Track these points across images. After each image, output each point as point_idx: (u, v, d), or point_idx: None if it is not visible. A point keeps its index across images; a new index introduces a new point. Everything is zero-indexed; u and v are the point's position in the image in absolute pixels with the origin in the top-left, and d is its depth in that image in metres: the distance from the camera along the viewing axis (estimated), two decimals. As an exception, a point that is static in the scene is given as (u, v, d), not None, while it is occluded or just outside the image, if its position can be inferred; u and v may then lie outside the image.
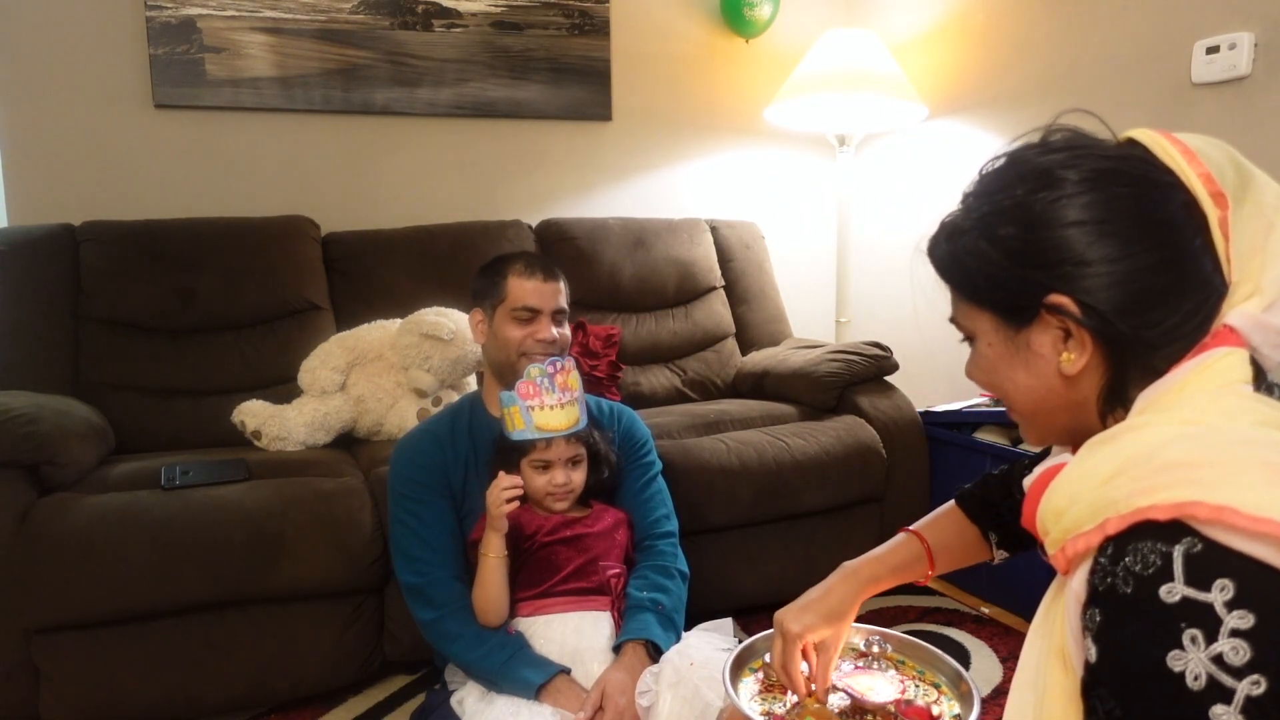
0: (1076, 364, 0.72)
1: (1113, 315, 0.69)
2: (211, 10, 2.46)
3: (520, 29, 2.78)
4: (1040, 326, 0.73)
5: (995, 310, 0.76)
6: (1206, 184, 0.70)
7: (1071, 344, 0.72)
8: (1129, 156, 0.72)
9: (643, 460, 1.67)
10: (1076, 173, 0.70)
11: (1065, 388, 0.74)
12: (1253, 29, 1.91)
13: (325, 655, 1.76)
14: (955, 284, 0.80)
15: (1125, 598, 0.60)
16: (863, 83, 2.63)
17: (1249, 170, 0.73)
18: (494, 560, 1.41)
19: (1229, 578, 0.56)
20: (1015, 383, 0.77)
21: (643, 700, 1.30)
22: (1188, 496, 0.58)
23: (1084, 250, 0.69)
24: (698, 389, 2.64)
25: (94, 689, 1.63)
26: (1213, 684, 0.55)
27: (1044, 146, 0.75)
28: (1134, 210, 0.70)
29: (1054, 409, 0.76)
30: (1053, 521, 0.69)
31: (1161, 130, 0.73)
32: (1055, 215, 0.70)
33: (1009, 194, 0.73)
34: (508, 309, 1.55)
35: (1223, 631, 0.55)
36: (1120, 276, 0.69)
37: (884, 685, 1.07)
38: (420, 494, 1.51)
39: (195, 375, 2.20)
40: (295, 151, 2.61)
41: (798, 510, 2.11)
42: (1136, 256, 0.69)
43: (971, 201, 0.77)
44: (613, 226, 2.68)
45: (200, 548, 1.63)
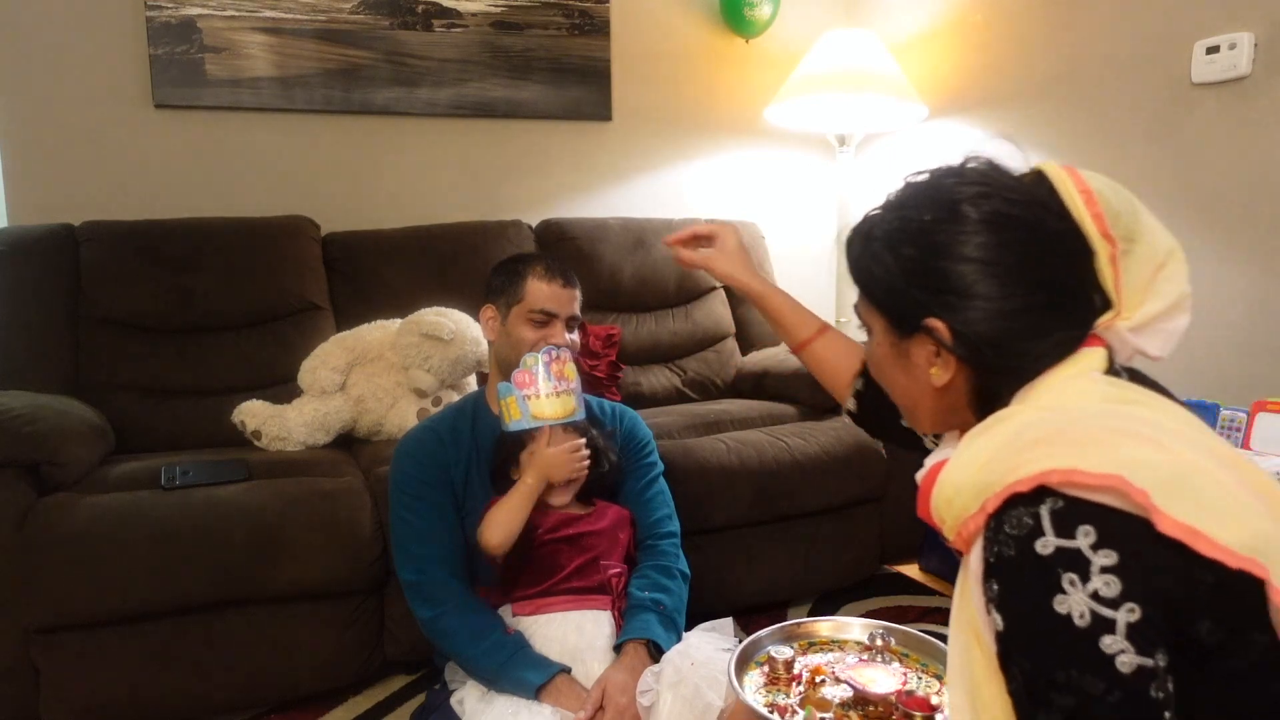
0: (941, 378, 0.82)
1: (982, 345, 0.78)
2: (211, 10, 2.46)
3: (520, 29, 2.78)
4: (919, 340, 0.82)
5: (886, 316, 0.86)
6: (1098, 223, 0.79)
7: (940, 361, 0.81)
8: (1030, 201, 0.80)
9: (645, 461, 1.67)
10: (979, 212, 0.78)
11: (933, 394, 0.84)
12: (1253, 29, 1.91)
13: (325, 655, 1.76)
14: (859, 283, 0.89)
15: (1010, 560, 0.67)
16: (863, 83, 2.63)
17: (1143, 218, 0.81)
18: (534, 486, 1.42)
19: (1089, 524, 0.64)
20: (896, 382, 0.89)
21: (643, 700, 1.30)
22: (1044, 467, 0.67)
23: (969, 285, 0.77)
24: (698, 389, 2.64)
25: (94, 689, 1.63)
26: (1096, 618, 0.63)
27: (960, 176, 0.83)
28: (1021, 257, 0.77)
29: (928, 409, 0.87)
30: (945, 510, 0.77)
31: (1068, 167, 0.81)
32: (952, 248, 0.78)
33: (919, 216, 0.81)
34: (524, 310, 1.55)
35: (1093, 570, 0.63)
36: (995, 313, 0.77)
37: (885, 677, 1.08)
38: (422, 491, 1.52)
39: (195, 375, 2.20)
40: (295, 151, 2.61)
41: (798, 510, 2.11)
42: (1014, 298, 0.77)
43: (889, 211, 0.85)
44: (613, 226, 2.68)
45: (200, 548, 1.63)
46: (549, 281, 1.56)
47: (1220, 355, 2.03)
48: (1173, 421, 0.74)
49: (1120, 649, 0.62)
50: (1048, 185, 0.81)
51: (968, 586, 0.74)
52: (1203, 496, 0.65)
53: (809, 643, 1.19)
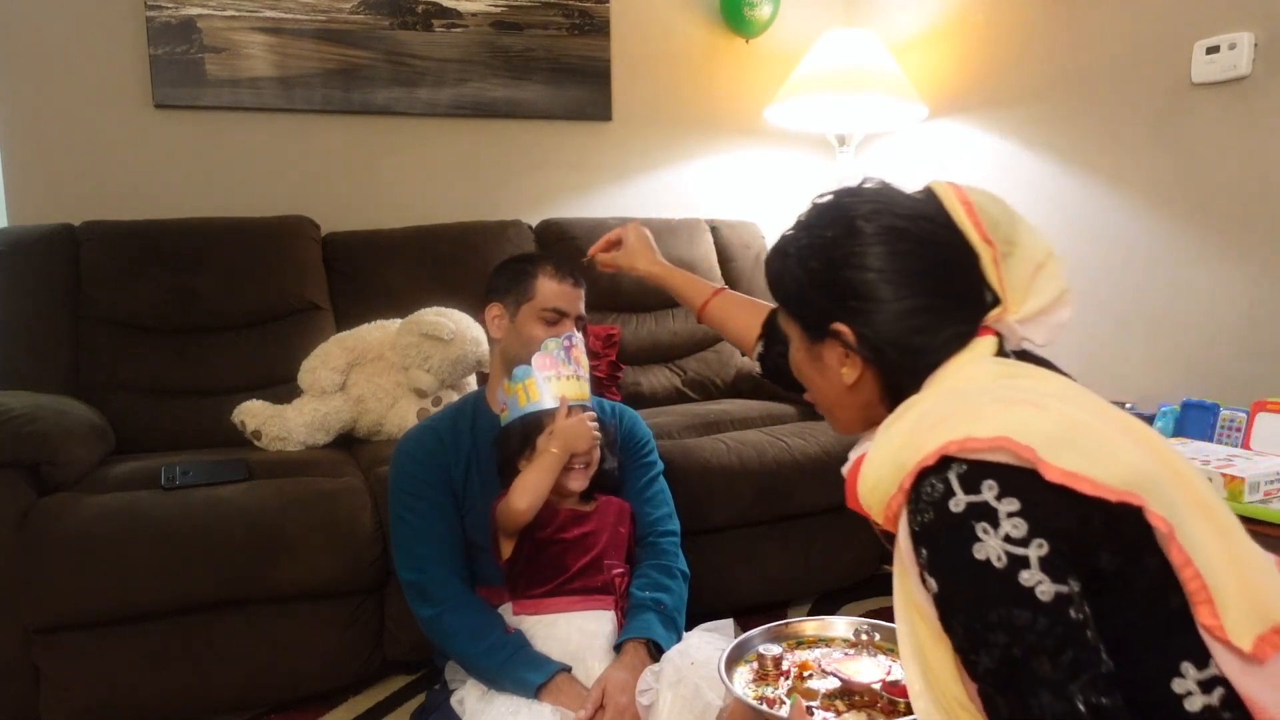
0: (851, 377, 0.91)
1: (882, 344, 0.87)
2: (211, 10, 2.46)
3: (520, 29, 2.78)
4: (829, 345, 0.91)
5: (800, 324, 0.95)
6: (978, 230, 0.89)
7: (849, 361, 0.90)
8: (918, 215, 0.90)
9: (645, 460, 1.67)
10: (874, 226, 0.88)
11: (848, 392, 0.93)
12: (1253, 29, 1.91)
13: (325, 655, 1.76)
14: (776, 295, 0.98)
15: (930, 523, 0.76)
16: (863, 83, 2.63)
17: (1019, 222, 0.92)
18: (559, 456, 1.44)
19: (991, 479, 0.73)
20: (814, 384, 0.98)
21: (643, 699, 1.30)
22: (943, 440, 0.76)
23: (868, 291, 0.87)
24: (698, 389, 2.64)
25: (94, 689, 1.63)
26: (1011, 557, 0.71)
27: (858, 195, 0.93)
28: (913, 264, 0.87)
29: (844, 406, 0.95)
30: (870, 497, 0.84)
31: (952, 183, 0.92)
32: (851, 260, 0.88)
33: (823, 234, 0.91)
34: (535, 308, 1.56)
35: (1001, 517, 0.72)
36: (893, 315, 0.86)
37: (870, 667, 1.12)
38: (422, 490, 1.52)
39: (195, 375, 2.20)
40: (295, 151, 2.61)
41: (798, 510, 2.11)
42: (908, 300, 0.86)
43: (799, 230, 0.95)
44: (613, 226, 2.65)
45: (200, 548, 1.63)
46: (560, 280, 1.58)
47: (1220, 355, 2.03)
48: (1054, 387, 0.85)
49: (1037, 580, 0.71)
50: (935, 200, 0.91)
51: (903, 565, 0.81)
52: (1081, 445, 0.74)
53: (796, 641, 1.22)
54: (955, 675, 0.78)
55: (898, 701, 1.04)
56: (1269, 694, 0.73)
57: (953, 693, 0.78)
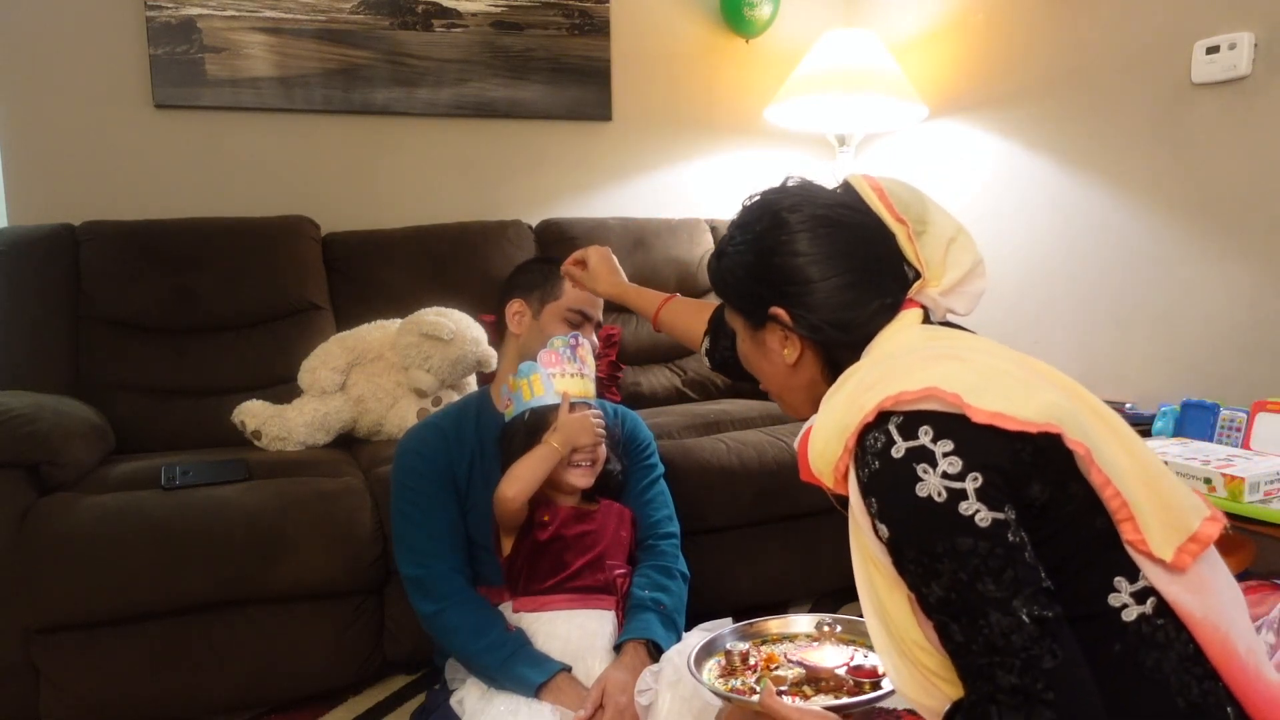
0: (792, 357, 0.99)
1: (818, 321, 0.95)
2: (211, 10, 2.46)
3: (520, 29, 2.78)
4: (770, 330, 0.99)
5: (743, 315, 1.03)
6: (889, 211, 0.97)
7: (789, 343, 0.98)
8: (838, 203, 0.98)
9: (646, 462, 1.68)
10: (798, 216, 0.96)
11: (791, 372, 1.01)
12: (1253, 29, 1.91)
13: (325, 655, 1.76)
14: (719, 293, 1.07)
15: (877, 472, 0.82)
16: (863, 83, 2.63)
17: (928, 203, 1.00)
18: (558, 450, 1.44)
19: (926, 424, 0.80)
20: (761, 369, 1.06)
21: (642, 699, 1.30)
22: (879, 397, 0.82)
23: (798, 275, 0.95)
24: (698, 389, 2.64)
25: (94, 689, 1.63)
26: (950, 491, 0.78)
27: (782, 192, 1.01)
28: (835, 246, 0.96)
29: (792, 388, 1.03)
30: (820, 462, 0.90)
31: (865, 175, 1.01)
32: (782, 248, 0.96)
33: (753, 229, 1.00)
34: (560, 308, 1.60)
35: (938, 456, 0.79)
36: (824, 294, 0.95)
37: (833, 653, 1.17)
38: (425, 486, 1.52)
39: (195, 375, 2.20)
40: (295, 151, 2.61)
41: (798, 510, 2.11)
42: (835, 279, 0.95)
43: (732, 231, 1.03)
44: (613, 226, 2.68)
45: (200, 548, 1.63)
46: None
47: (1220, 355, 2.03)
48: (975, 343, 0.93)
49: (975, 509, 0.77)
50: (851, 190, 1.00)
51: (856, 522, 0.87)
52: (1001, 388, 0.81)
53: (761, 640, 1.25)
54: (911, 619, 0.84)
55: (863, 683, 1.08)
56: (1193, 598, 0.80)
57: (911, 635, 0.84)
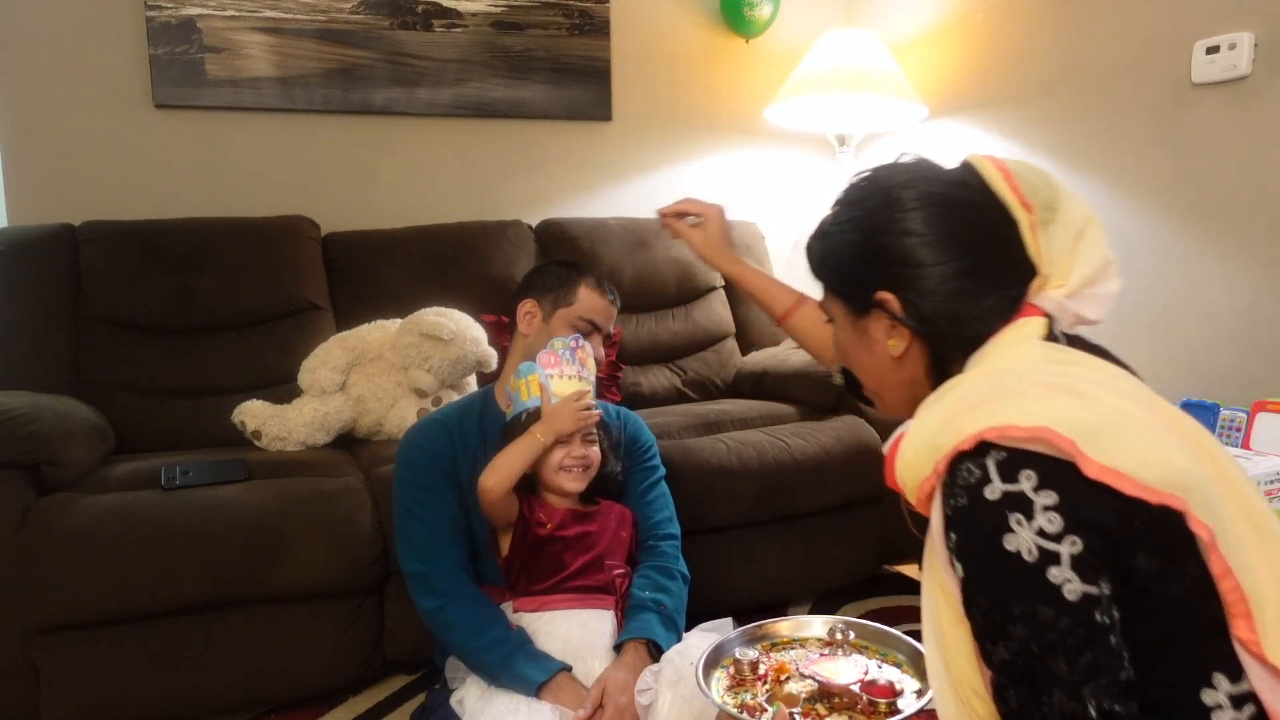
0: (898, 348, 0.90)
1: (929, 310, 0.86)
2: (211, 10, 2.46)
3: (520, 29, 2.78)
4: (874, 317, 0.91)
5: (844, 300, 0.95)
6: (1015, 194, 0.88)
7: (895, 332, 0.89)
8: (957, 181, 0.90)
9: (647, 464, 1.68)
10: (912, 194, 0.88)
11: (896, 366, 0.91)
12: (1253, 29, 1.91)
13: (325, 655, 1.76)
14: (819, 276, 0.98)
15: (964, 509, 0.74)
16: (863, 83, 2.63)
17: (1059, 188, 0.90)
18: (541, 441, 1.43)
19: (1030, 469, 0.71)
20: (860, 362, 0.97)
21: (642, 699, 1.30)
22: (983, 425, 0.74)
23: (910, 257, 0.87)
24: (698, 389, 2.64)
25: (94, 689, 1.63)
26: (1043, 552, 0.69)
27: (895, 168, 0.93)
28: (952, 227, 0.87)
29: (892, 384, 0.94)
30: (906, 474, 0.83)
31: (989, 156, 0.92)
32: (891, 228, 0.88)
33: (862, 206, 0.92)
34: (573, 314, 1.60)
35: (1036, 510, 0.70)
36: (936, 279, 0.86)
37: (847, 668, 1.12)
38: (427, 481, 1.52)
39: (195, 375, 2.20)
40: (295, 151, 2.61)
41: (798, 510, 2.11)
42: (950, 264, 0.86)
43: (837, 209, 0.95)
44: (613, 226, 2.68)
45: (200, 548, 1.63)
46: (602, 295, 1.63)
47: (1220, 355, 2.03)
48: (1102, 375, 0.83)
49: (1066, 578, 0.69)
50: (972, 170, 0.91)
51: (934, 547, 0.80)
52: (1125, 440, 0.71)
53: (771, 644, 1.23)
54: (972, 662, 0.77)
55: (878, 702, 1.04)
56: None
57: (968, 679, 0.78)
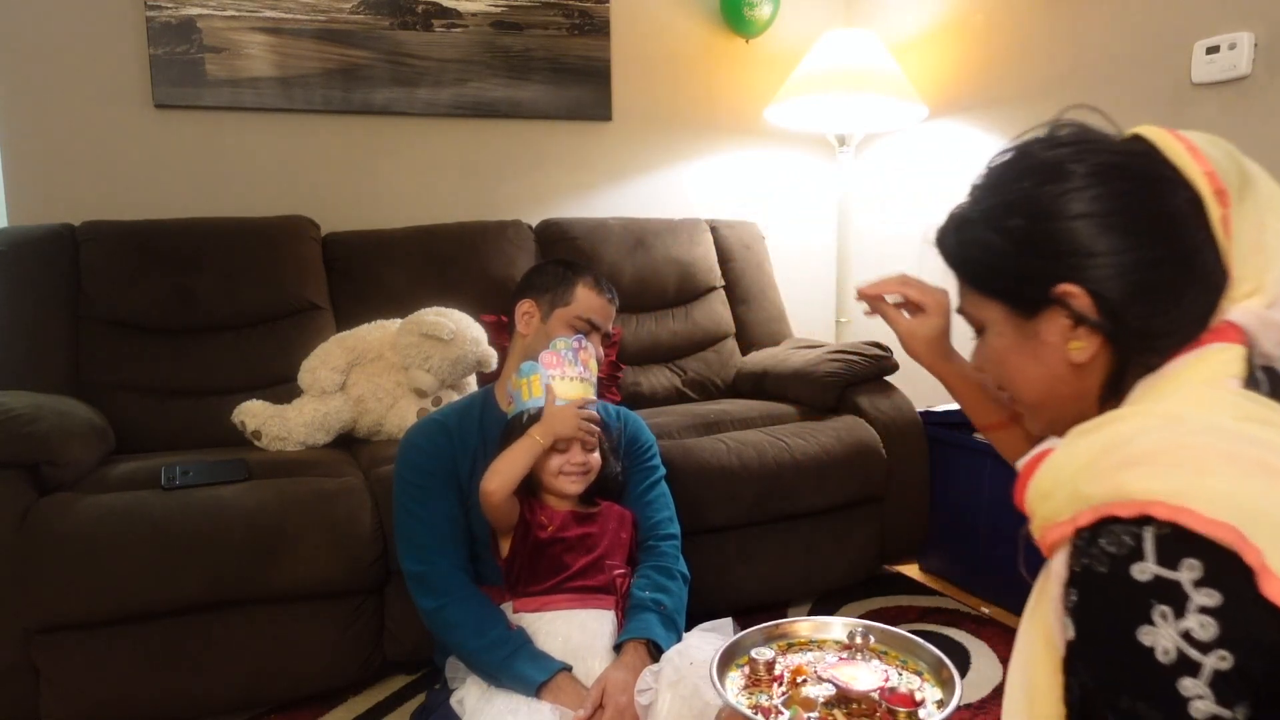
0: (1085, 351, 0.74)
1: (1119, 305, 0.71)
2: (211, 10, 2.46)
3: (520, 29, 2.78)
4: (1049, 316, 0.75)
5: (1004, 300, 0.79)
6: (1210, 181, 0.72)
7: (1080, 332, 0.74)
8: (1135, 152, 0.74)
9: (647, 464, 1.67)
10: (1084, 166, 0.73)
11: (1072, 376, 0.76)
12: (1253, 29, 1.91)
13: (325, 655, 1.76)
14: (964, 274, 0.82)
15: (1100, 576, 0.63)
16: (863, 83, 2.63)
17: (1249, 168, 0.76)
18: (540, 443, 1.42)
19: (1196, 558, 0.59)
20: (1024, 372, 0.80)
21: (642, 699, 1.30)
22: (1149, 495, 0.61)
23: (1091, 242, 0.71)
24: (698, 389, 2.64)
25: (94, 689, 1.63)
26: (1182, 658, 0.58)
27: (1051, 140, 0.77)
28: (1140, 204, 0.72)
29: (1061, 398, 0.78)
30: (1037, 504, 0.72)
31: (1167, 128, 0.75)
32: (1063, 207, 0.72)
33: (1017, 186, 0.76)
34: (569, 314, 1.59)
35: (1190, 608, 0.58)
36: (1127, 268, 0.71)
37: (867, 674, 1.09)
38: (427, 482, 1.52)
39: (195, 375, 2.20)
40: (295, 151, 2.61)
41: (798, 510, 2.11)
42: (1143, 249, 0.71)
43: (980, 193, 0.80)
44: (613, 226, 2.68)
45: (200, 548, 1.63)
46: (599, 293, 1.62)
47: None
48: None
49: (1199, 694, 0.58)
50: (1147, 145, 0.75)
51: (1047, 588, 0.70)
52: None
53: (788, 644, 1.20)
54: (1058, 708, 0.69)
55: (897, 711, 1.02)
56: None
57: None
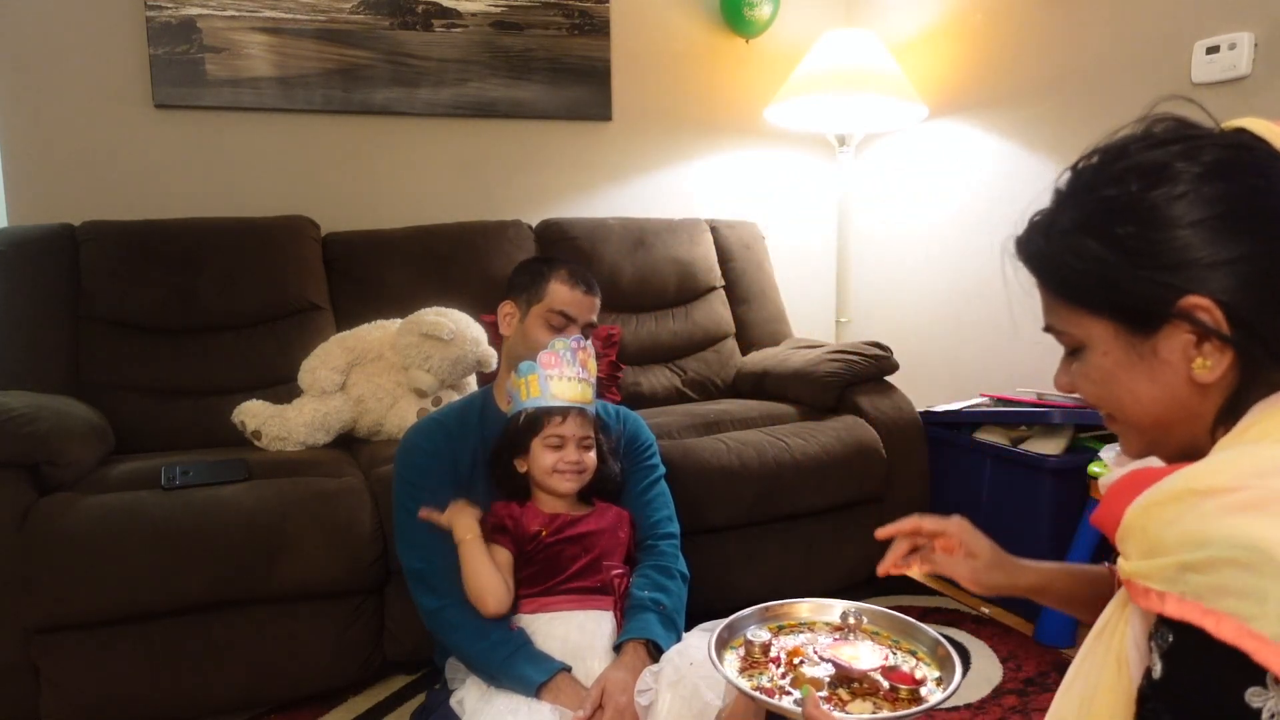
0: (1214, 370, 0.67)
1: (1253, 316, 0.64)
2: (211, 10, 2.46)
3: (520, 29, 2.78)
4: (1169, 332, 0.68)
5: (1115, 316, 0.71)
6: None
7: (1207, 349, 0.67)
8: (1244, 145, 0.68)
9: (646, 463, 1.67)
10: (1196, 165, 0.66)
11: (1193, 397, 0.69)
12: (1253, 29, 1.91)
13: (325, 655, 1.76)
14: (1061, 288, 0.74)
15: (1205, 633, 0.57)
16: (863, 83, 2.63)
17: None
18: (472, 540, 1.42)
19: None
20: (1136, 394, 0.72)
21: (642, 699, 1.30)
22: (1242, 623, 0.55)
23: (1214, 247, 0.65)
24: (698, 389, 2.64)
25: (94, 689, 1.63)
26: None
27: (1150, 139, 0.70)
28: (1264, 202, 0.66)
29: (1175, 421, 0.71)
30: (1130, 543, 0.66)
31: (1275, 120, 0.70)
32: (1178, 211, 0.66)
33: (1121, 190, 0.69)
34: (544, 310, 1.58)
35: None
36: (1256, 273, 0.65)
37: (868, 653, 1.09)
38: (427, 481, 1.52)
39: (195, 375, 2.20)
40: (295, 151, 2.61)
41: (798, 510, 2.11)
42: (1272, 251, 0.65)
43: (1073, 199, 0.73)
44: (613, 226, 2.68)
45: (200, 548, 1.63)
46: (572, 286, 1.59)
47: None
48: None
49: None
50: (1255, 138, 0.69)
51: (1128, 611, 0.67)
52: None
53: (779, 625, 1.20)
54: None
55: (898, 688, 1.02)
56: None
57: None
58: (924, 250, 2.92)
